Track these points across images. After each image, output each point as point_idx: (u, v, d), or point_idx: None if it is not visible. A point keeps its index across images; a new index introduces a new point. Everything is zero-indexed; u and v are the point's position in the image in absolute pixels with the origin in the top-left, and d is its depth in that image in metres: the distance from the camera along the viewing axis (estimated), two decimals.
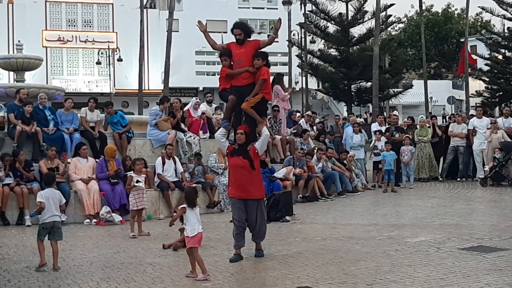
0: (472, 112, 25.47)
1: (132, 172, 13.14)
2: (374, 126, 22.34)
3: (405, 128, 22.20)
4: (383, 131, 21.29)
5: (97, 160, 15.09)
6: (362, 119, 39.49)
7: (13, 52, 31.52)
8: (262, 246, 10.14)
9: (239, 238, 9.83)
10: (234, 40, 10.22)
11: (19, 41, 24.24)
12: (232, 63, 10.12)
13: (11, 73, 25.03)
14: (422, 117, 23.37)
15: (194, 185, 14.76)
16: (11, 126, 15.35)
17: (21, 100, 15.69)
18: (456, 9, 79.06)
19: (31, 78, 30.15)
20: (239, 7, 63.00)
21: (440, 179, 21.57)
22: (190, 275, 8.68)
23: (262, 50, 10.07)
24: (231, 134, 10.49)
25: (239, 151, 9.81)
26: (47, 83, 50.01)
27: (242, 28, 10.19)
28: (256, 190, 9.93)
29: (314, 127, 22.01)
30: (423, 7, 49.12)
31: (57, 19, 60.10)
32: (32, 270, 9.36)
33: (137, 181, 12.61)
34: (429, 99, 46.26)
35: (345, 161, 19.77)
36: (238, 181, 9.83)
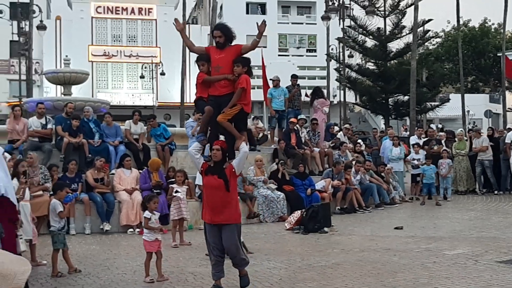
0: (510, 125, 25.09)
1: (174, 183, 13.23)
2: (413, 139, 22.19)
3: (444, 140, 21.98)
4: (421, 143, 21.16)
5: (140, 171, 15.22)
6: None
7: (61, 67, 32.10)
8: (246, 272, 8.62)
9: (217, 268, 8.49)
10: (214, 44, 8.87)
11: (66, 56, 24.66)
12: (210, 69, 8.71)
13: (59, 86, 25.42)
14: (461, 130, 23.11)
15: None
16: (59, 138, 15.59)
17: (68, 113, 15.94)
18: (493, 24, 78.16)
19: (78, 92, 30.57)
20: (278, 22, 63.12)
21: (478, 192, 21.25)
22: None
23: (244, 55, 8.73)
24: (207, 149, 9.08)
25: (214, 170, 8.43)
26: (92, 96, 50.67)
27: (223, 31, 8.73)
28: (231, 214, 8.43)
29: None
30: (460, 22, 48.59)
31: (103, 34, 60.96)
32: (79, 277, 9.47)
33: (176, 191, 12.69)
34: (466, 113, 45.70)
35: (382, 174, 19.63)
36: (212, 203, 8.40)
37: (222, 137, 8.72)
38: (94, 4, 60.29)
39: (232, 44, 8.82)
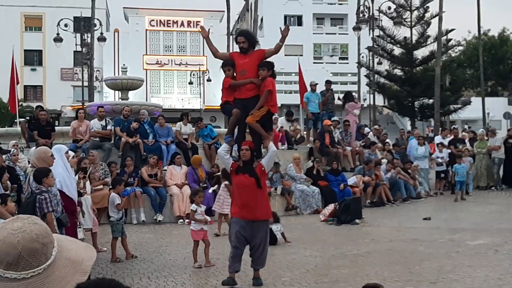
0: None
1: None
2: (438, 139, 22.01)
3: (467, 140, 21.72)
4: (447, 143, 20.94)
5: (189, 167, 15.32)
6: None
7: (119, 74, 32.40)
8: (260, 274, 8.16)
9: (234, 261, 8.04)
10: (238, 50, 8.41)
11: (124, 64, 24.83)
12: (235, 74, 8.24)
13: (117, 92, 25.64)
14: (482, 131, 22.73)
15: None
16: (117, 138, 15.77)
17: (125, 116, 16.12)
18: (511, 33, 76.80)
19: (133, 97, 30.79)
20: (313, 33, 62.84)
21: (499, 188, 20.82)
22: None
23: (268, 59, 8.23)
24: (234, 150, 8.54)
25: (244, 169, 8.00)
26: (146, 100, 51.06)
27: (246, 36, 8.28)
28: (263, 210, 8.05)
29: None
30: (481, 31, 47.74)
31: (155, 45, 61.40)
32: (135, 262, 9.57)
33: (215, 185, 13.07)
34: (486, 115, 44.98)
35: (409, 170, 19.44)
36: (244, 201, 7.92)
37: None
38: (148, 18, 60.77)
39: (255, 49, 8.37)
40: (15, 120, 25.44)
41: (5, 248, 1.89)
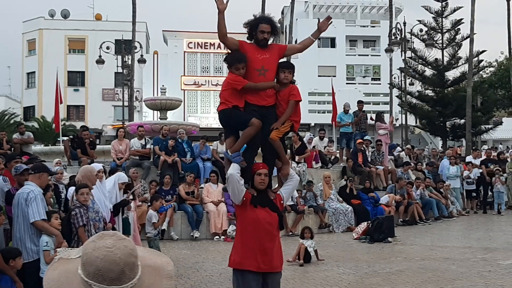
0: None
1: None
2: (468, 158, 21.79)
3: (497, 160, 21.42)
4: (478, 163, 20.69)
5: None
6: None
7: (158, 95, 32.71)
8: None
9: None
10: (246, 39, 6.23)
11: (163, 85, 25.10)
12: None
13: (156, 111, 25.90)
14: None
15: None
16: (156, 156, 15.92)
17: (164, 135, 16.27)
18: None
19: (172, 116, 31.06)
20: (346, 54, 62.73)
21: None
22: None
23: (287, 60, 5.90)
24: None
25: (262, 201, 5.58)
26: (184, 120, 51.46)
27: (273, 26, 5.97)
28: (279, 259, 5.67)
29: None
30: None
31: (193, 66, 61.98)
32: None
33: None
34: None
35: (441, 190, 19.22)
36: (259, 244, 5.47)
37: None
38: (186, 41, 61.46)
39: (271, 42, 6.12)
40: (58, 139, 25.84)
41: (108, 265, 1.95)
